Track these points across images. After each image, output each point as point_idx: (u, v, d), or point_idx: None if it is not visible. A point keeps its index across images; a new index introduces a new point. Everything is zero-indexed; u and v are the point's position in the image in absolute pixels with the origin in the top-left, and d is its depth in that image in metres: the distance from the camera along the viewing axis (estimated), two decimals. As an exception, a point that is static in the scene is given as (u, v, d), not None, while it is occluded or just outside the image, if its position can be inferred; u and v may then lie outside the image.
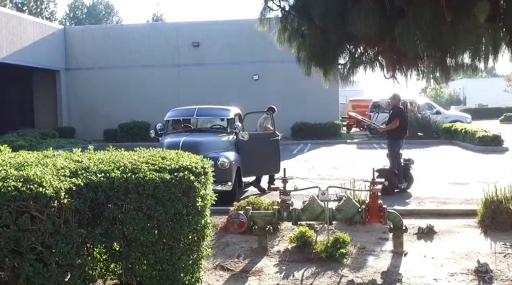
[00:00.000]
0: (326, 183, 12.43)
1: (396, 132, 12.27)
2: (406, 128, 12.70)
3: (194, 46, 31.53)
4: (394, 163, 12.12)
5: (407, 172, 12.19)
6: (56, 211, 4.19)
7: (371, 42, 6.83)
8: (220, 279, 6.25)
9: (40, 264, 4.12)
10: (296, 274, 6.33)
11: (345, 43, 7.08)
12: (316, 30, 6.79)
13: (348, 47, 7.26)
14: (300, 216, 7.18)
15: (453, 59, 6.81)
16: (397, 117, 12.17)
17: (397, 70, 7.12)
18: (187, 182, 4.98)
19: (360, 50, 7.46)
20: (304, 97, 29.78)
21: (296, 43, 7.68)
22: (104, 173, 4.73)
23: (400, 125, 12.18)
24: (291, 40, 7.70)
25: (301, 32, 7.55)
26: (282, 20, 7.72)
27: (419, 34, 6.05)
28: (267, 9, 7.43)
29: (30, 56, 28.57)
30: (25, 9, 68.25)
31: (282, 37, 7.78)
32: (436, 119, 28.79)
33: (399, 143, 12.30)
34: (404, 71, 7.10)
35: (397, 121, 12.09)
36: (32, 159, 4.85)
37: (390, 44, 6.44)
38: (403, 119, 12.37)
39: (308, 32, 7.26)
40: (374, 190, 7.08)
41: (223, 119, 13.10)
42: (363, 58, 7.34)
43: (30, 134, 26.72)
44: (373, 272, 6.34)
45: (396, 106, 12.43)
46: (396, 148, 12.26)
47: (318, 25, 6.65)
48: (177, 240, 4.99)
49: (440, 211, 9.47)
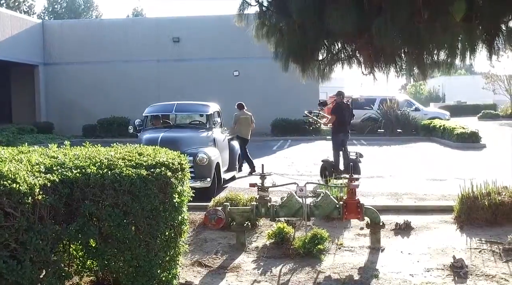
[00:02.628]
0: (305, 179, 12.49)
1: (335, 127, 13.28)
2: (346, 123, 13.40)
3: (174, 41, 31.42)
4: (337, 155, 13.08)
5: (356, 165, 12.48)
6: (30, 207, 4.14)
7: (349, 38, 6.85)
8: (198, 275, 6.24)
9: (14, 261, 4.07)
10: (273, 270, 6.35)
11: (323, 39, 7.08)
12: (294, 26, 6.78)
13: (326, 44, 7.28)
14: (278, 212, 7.19)
15: (429, 57, 6.86)
16: (335, 112, 13.21)
17: (375, 66, 7.16)
18: (164, 178, 4.96)
19: (338, 46, 7.47)
20: (285, 93, 29.82)
21: (274, 39, 7.66)
22: (79, 169, 4.70)
23: (338, 120, 13.10)
24: (269, 36, 7.68)
25: (279, 28, 7.53)
26: (260, 16, 7.70)
27: (396, 31, 6.09)
28: (245, 5, 7.41)
29: (8, 51, 28.20)
30: (3, 2, 67.32)
31: (260, 33, 7.75)
32: (415, 116, 29.03)
33: (339, 136, 13.16)
34: (383, 68, 7.14)
35: (334, 116, 13.14)
36: (6, 155, 4.79)
37: (368, 41, 6.46)
38: (342, 115, 13.17)
39: (286, 28, 7.26)
40: (351, 187, 7.12)
41: (202, 115, 13.08)
42: (341, 54, 7.36)
43: (7, 130, 26.44)
44: (350, 268, 6.38)
45: (338, 103, 13.32)
46: (335, 141, 13.23)
47: (296, 21, 6.65)
48: (153, 236, 4.97)
49: (417, 207, 9.55)
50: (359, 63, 7.33)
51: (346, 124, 13.38)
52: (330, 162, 13.13)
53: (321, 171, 13.28)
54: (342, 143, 13.14)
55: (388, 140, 26.00)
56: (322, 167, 13.33)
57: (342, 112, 13.20)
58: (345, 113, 13.31)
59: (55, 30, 32.85)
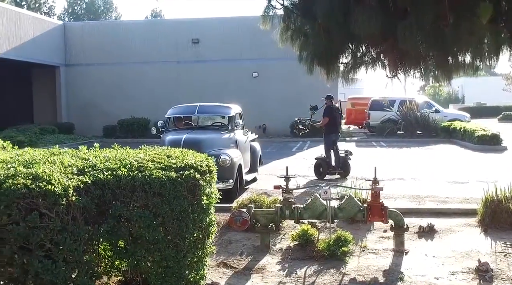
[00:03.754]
0: (327, 181, 12.50)
1: (328, 128, 14.47)
2: (337, 124, 14.79)
3: (193, 42, 31.57)
4: (328, 154, 14.39)
5: (346, 162, 14.28)
6: (65, 208, 4.24)
7: (374, 42, 6.87)
8: (223, 276, 6.30)
9: (49, 261, 4.18)
10: (298, 272, 6.38)
11: (347, 42, 7.11)
12: (319, 30, 6.82)
13: (350, 47, 7.31)
14: (302, 214, 7.23)
15: (454, 59, 6.86)
16: (327, 115, 14.40)
17: (399, 69, 7.18)
18: (193, 180, 5.03)
19: (363, 49, 7.50)
20: (303, 95, 29.73)
21: (299, 42, 7.71)
22: (110, 171, 4.78)
23: (330, 122, 14.36)
24: (293, 39, 7.74)
25: (303, 31, 7.58)
26: (285, 19, 7.75)
27: (421, 35, 6.10)
28: (270, 8, 7.47)
29: (30, 52, 28.56)
30: (24, 4, 68.05)
31: (284, 36, 7.81)
32: (435, 118, 28.84)
33: (331, 136, 14.44)
34: (407, 70, 7.15)
35: (327, 119, 14.36)
36: (39, 157, 4.89)
37: (393, 44, 6.48)
38: (333, 117, 14.43)
39: (311, 31, 7.30)
40: (375, 189, 7.13)
41: (224, 117, 13.14)
42: (365, 57, 7.39)
43: (30, 130, 26.75)
44: (375, 271, 6.39)
45: (328, 106, 14.54)
46: (328, 141, 14.51)
47: (322, 24, 6.69)
48: (182, 237, 5.04)
49: (440, 210, 9.52)
50: (384, 66, 7.35)
51: (337, 125, 14.77)
52: (324, 159, 14.34)
53: (315, 168, 14.25)
54: (333, 143, 14.45)
55: (407, 142, 25.87)
56: (317, 164, 14.32)
57: (333, 114, 14.46)
58: (336, 115, 14.59)
59: (76, 32, 33.19)
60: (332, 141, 14.43)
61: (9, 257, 4.08)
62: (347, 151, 14.58)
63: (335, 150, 14.35)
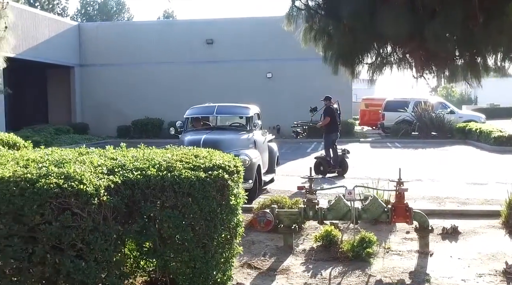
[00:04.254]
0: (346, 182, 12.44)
1: (328, 127, 14.93)
2: (337, 123, 15.17)
3: (207, 43, 31.58)
4: (328, 153, 14.90)
5: (343, 160, 14.82)
6: (96, 208, 4.23)
7: (400, 42, 6.81)
8: (248, 277, 6.27)
9: (80, 261, 4.17)
10: (323, 273, 6.34)
11: (373, 42, 7.07)
12: (345, 30, 6.78)
13: (376, 47, 7.26)
14: (326, 215, 7.18)
15: (483, 60, 6.79)
16: (328, 115, 14.86)
17: (426, 70, 7.12)
18: (222, 181, 5.01)
19: (388, 50, 7.44)
20: (318, 95, 29.62)
21: (322, 43, 7.66)
22: (140, 170, 4.76)
23: (331, 121, 14.80)
24: (317, 39, 7.69)
25: (327, 32, 7.53)
26: (308, 19, 7.70)
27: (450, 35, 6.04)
28: (294, 9, 7.43)
29: (45, 52, 28.68)
30: (37, 4, 68.44)
31: (308, 36, 7.76)
32: (450, 119, 28.65)
33: (332, 136, 14.95)
34: (434, 71, 7.08)
35: (328, 118, 14.80)
36: (70, 156, 4.89)
37: (420, 44, 6.43)
38: (334, 116, 14.90)
39: (335, 32, 7.25)
40: (400, 190, 7.07)
41: (241, 117, 13.12)
42: (391, 58, 7.34)
43: (45, 130, 26.90)
44: (400, 272, 6.34)
45: (328, 106, 14.99)
46: (329, 140, 14.98)
47: (347, 24, 6.64)
48: (211, 238, 5.02)
49: (462, 211, 9.44)
50: (410, 66, 7.29)
51: (337, 125, 15.14)
52: (325, 158, 14.89)
53: (315, 167, 14.26)
54: (333, 142, 14.93)
55: (422, 143, 25.72)
56: (317, 163, 14.65)
57: (333, 113, 14.94)
58: (336, 114, 15.06)
59: (91, 32, 33.33)
60: (332, 140, 14.94)
61: (42, 256, 4.08)
62: (345, 150, 15.06)
63: (334, 149, 14.82)
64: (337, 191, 8.39)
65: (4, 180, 4.08)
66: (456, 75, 6.86)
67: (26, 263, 4.05)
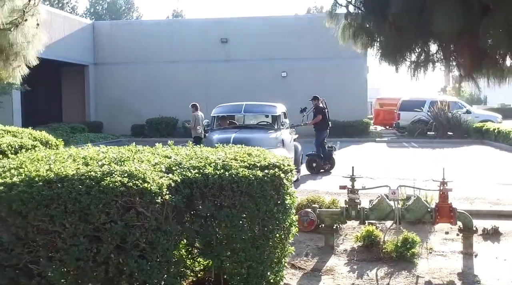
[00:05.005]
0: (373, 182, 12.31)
1: (320, 125, 15.43)
2: (328, 121, 15.75)
3: (222, 42, 31.52)
4: (319, 149, 15.30)
5: (331, 157, 15.60)
6: (160, 207, 4.16)
7: (449, 39, 6.71)
8: (293, 277, 6.19)
9: (144, 261, 4.10)
10: (369, 274, 6.26)
11: (419, 40, 6.97)
12: (389, 27, 6.68)
13: (421, 45, 7.16)
14: (369, 215, 7.09)
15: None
16: (318, 113, 15.41)
17: (474, 68, 7.01)
18: (278, 180, 4.93)
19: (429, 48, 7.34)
20: (333, 94, 29.53)
21: (361, 40, 7.57)
22: (197, 169, 4.67)
23: (322, 119, 15.34)
24: (356, 36, 7.60)
25: (367, 29, 7.45)
26: (347, 17, 7.62)
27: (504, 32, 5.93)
28: (336, 5, 7.35)
29: (60, 51, 28.59)
30: (47, 3, 68.53)
31: (346, 33, 7.69)
32: (467, 119, 28.44)
33: (323, 133, 15.51)
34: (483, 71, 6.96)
35: (320, 116, 15.33)
36: (127, 154, 4.81)
37: (469, 42, 6.32)
38: (324, 114, 15.49)
39: (377, 29, 7.16)
40: (444, 190, 6.98)
41: (268, 116, 13.04)
42: (436, 56, 7.24)
43: (61, 129, 26.90)
44: (448, 273, 6.25)
45: (317, 105, 15.53)
46: (321, 137, 15.47)
47: (394, 22, 6.55)
48: (266, 238, 4.94)
49: (500, 212, 9.33)
50: (459, 65, 7.18)
51: (327, 122, 15.73)
52: (318, 155, 15.29)
53: (309, 164, 15.10)
54: (324, 139, 15.56)
55: (439, 143, 25.55)
56: (310, 160, 15.20)
57: (324, 111, 15.53)
58: (325, 112, 15.63)
59: (105, 31, 33.33)
60: (323, 137, 15.52)
61: (106, 256, 4.01)
62: (332, 146, 15.91)
63: (323, 146, 15.47)
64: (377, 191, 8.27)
65: (69, 178, 4.01)
66: (507, 75, 6.73)
67: (91, 263, 3.97)
